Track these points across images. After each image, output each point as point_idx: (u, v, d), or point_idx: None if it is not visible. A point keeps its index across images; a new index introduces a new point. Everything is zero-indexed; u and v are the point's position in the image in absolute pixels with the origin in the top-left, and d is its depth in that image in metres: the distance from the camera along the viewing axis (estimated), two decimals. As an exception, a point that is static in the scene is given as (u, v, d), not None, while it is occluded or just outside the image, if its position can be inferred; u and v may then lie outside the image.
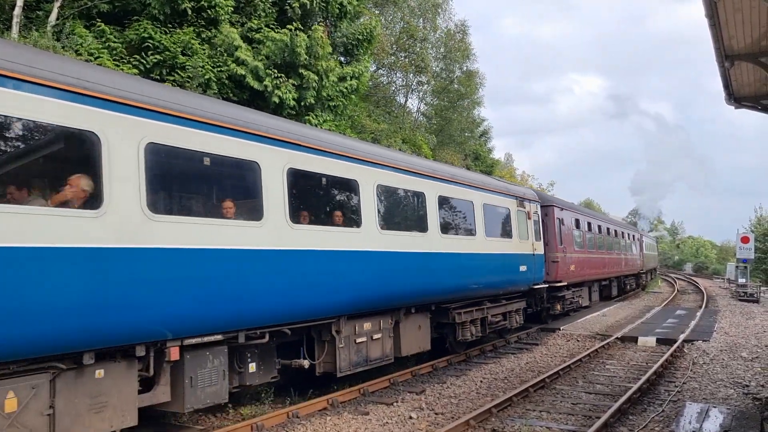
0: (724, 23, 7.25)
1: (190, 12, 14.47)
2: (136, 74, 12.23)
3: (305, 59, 15.52)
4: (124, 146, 6.02)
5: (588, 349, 14.31)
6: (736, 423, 8.09)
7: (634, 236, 35.11)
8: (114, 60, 13.04)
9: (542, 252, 16.37)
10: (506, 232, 14.28)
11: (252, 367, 7.98)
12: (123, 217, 5.92)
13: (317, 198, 9.06)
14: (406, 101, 32.83)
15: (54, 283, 5.31)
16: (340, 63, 18.97)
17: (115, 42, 13.49)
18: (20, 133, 5.35)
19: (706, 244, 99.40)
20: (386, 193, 10.11)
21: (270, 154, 7.77)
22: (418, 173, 10.94)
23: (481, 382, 11.14)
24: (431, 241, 11.02)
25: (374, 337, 9.99)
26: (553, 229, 17.89)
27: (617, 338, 15.87)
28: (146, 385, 6.55)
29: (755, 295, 31.74)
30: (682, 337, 15.39)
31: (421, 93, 33.51)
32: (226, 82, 14.95)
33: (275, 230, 7.68)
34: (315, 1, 16.68)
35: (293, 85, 15.46)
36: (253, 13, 16.30)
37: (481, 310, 13.30)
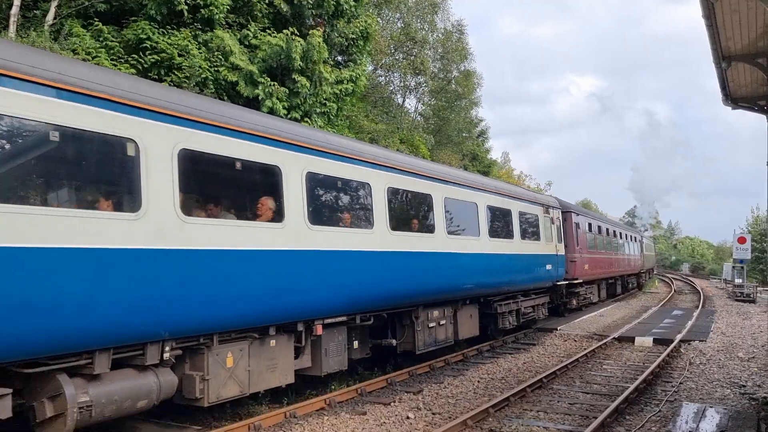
0: (722, 24, 7.27)
1: (186, 13, 14.44)
2: (134, 74, 12.21)
3: (300, 65, 15.48)
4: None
5: (585, 349, 14.33)
6: (733, 423, 8.11)
7: (635, 238, 37.01)
8: (111, 60, 13.03)
9: (563, 253, 18.60)
10: (536, 235, 16.61)
11: (355, 344, 10.08)
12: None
13: (411, 213, 11.38)
14: (403, 101, 32.88)
15: (273, 277, 7.71)
16: (337, 64, 18.93)
17: (112, 41, 13.47)
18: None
19: (703, 245, 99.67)
20: (451, 205, 12.17)
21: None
22: (472, 187, 13.30)
23: (479, 382, 11.15)
24: (482, 243, 13.21)
25: (441, 323, 12.22)
26: (571, 232, 20.00)
27: (614, 338, 15.90)
28: (296, 354, 8.62)
29: (752, 296, 31.84)
30: (679, 337, 15.43)
31: (419, 93, 33.56)
32: (223, 83, 14.94)
33: (380, 236, 9.84)
34: None
35: (285, 92, 15.39)
36: (249, 15, 16.25)
37: (516, 303, 15.55)
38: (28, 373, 5.46)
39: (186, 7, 14.25)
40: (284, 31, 15.48)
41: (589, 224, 23.23)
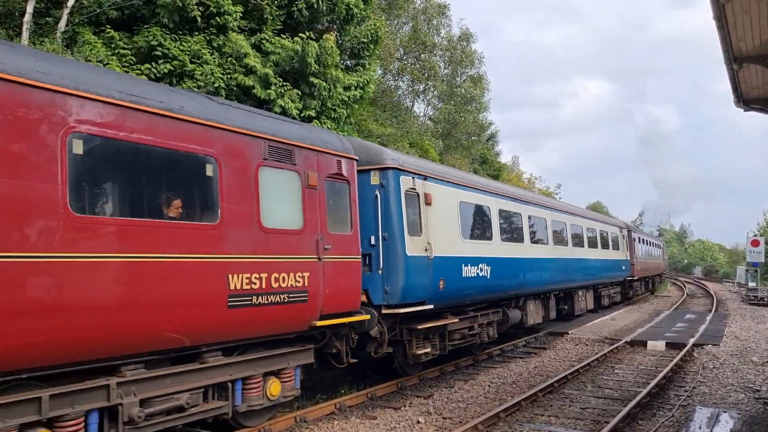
0: (732, 25, 7.21)
1: (199, 20, 14.54)
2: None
3: (315, 68, 15.59)
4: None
5: (597, 353, 14.24)
6: (747, 428, 8.03)
7: (660, 246, 46.65)
8: (123, 67, 13.12)
9: (629, 258, 28.21)
10: (617, 247, 25.92)
11: (534, 309, 16.24)
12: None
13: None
14: (412, 105, 32.89)
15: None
16: (347, 68, 18.98)
17: (124, 49, 13.57)
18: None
19: (715, 248, 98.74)
20: (573, 229, 19.79)
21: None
22: (583, 217, 21.79)
23: (489, 386, 11.11)
24: (588, 251, 21.07)
25: (584, 297, 21.26)
26: (632, 245, 29.35)
27: (626, 342, 15.78)
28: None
29: (765, 299, 31.49)
30: (691, 341, 15.29)
31: (429, 97, 33.56)
32: (235, 89, 15.00)
33: (547, 248, 17.06)
34: (322, 1, 16.65)
35: (298, 94, 15.49)
36: (261, 20, 16.34)
37: (607, 290, 25.13)
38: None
39: (199, 13, 14.33)
40: (300, 35, 15.60)
41: (639, 238, 32.87)
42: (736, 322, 20.82)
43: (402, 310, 9.72)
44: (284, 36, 16.05)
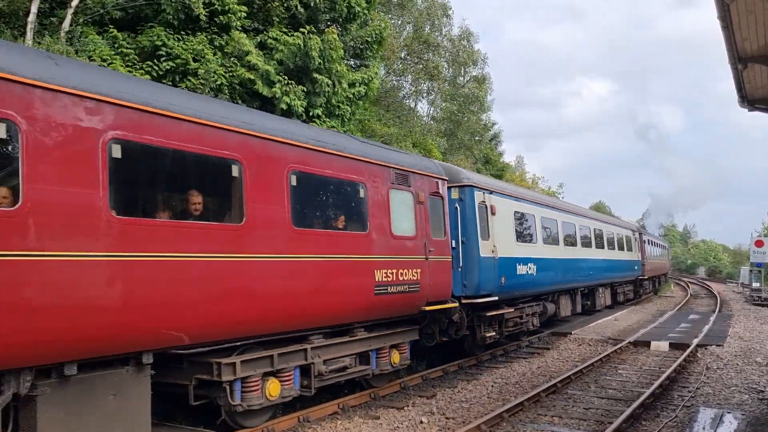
0: (737, 25, 7.18)
1: (203, 19, 14.54)
2: (148, 80, 12.30)
3: (319, 63, 15.49)
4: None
5: (600, 353, 14.22)
6: (751, 429, 8.01)
7: (666, 247, 49.86)
8: (126, 66, 13.15)
9: (640, 259, 30.65)
10: (630, 248, 28.36)
11: (565, 303, 18.79)
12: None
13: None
14: (416, 105, 32.86)
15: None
16: (350, 68, 18.96)
17: (127, 48, 13.60)
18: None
19: (718, 248, 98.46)
20: (596, 233, 22.26)
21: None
22: (603, 222, 24.80)
23: (492, 386, 11.10)
24: (608, 253, 23.61)
25: (603, 294, 23.95)
26: (642, 247, 31.73)
27: (629, 342, 15.76)
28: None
29: (769, 300, 31.40)
30: (695, 341, 15.25)
31: (432, 97, 33.52)
32: (237, 87, 15.00)
33: (576, 250, 19.59)
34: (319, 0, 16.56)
35: (303, 91, 15.42)
36: (266, 20, 16.33)
37: (622, 287, 27.63)
38: None
39: (204, 12, 14.33)
40: (301, 29, 15.50)
41: (649, 240, 36.07)
42: (740, 323, 20.76)
43: (479, 300, 12.11)
44: (288, 32, 16.00)
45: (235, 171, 7.03)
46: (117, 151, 5.77)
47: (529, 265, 14.54)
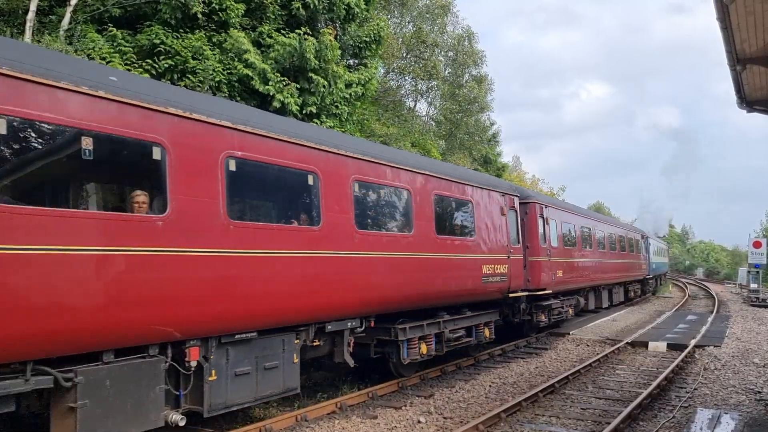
0: (736, 26, 7.19)
1: (201, 17, 14.52)
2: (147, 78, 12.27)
3: (315, 63, 15.51)
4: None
5: (598, 354, 14.23)
6: (748, 429, 8.02)
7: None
8: (125, 64, 13.13)
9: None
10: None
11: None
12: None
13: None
14: (415, 105, 32.85)
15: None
16: (348, 67, 18.95)
17: (126, 46, 13.58)
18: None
19: (717, 249, 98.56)
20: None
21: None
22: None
23: (490, 386, 11.10)
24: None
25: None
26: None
27: (627, 343, 15.76)
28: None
29: (767, 301, 31.44)
30: (693, 342, 15.26)
31: (431, 97, 33.50)
32: (236, 85, 14.99)
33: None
34: (319, 1, 16.57)
35: (297, 89, 15.41)
36: (263, 17, 16.32)
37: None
38: None
39: (201, 9, 14.31)
40: (296, 30, 15.51)
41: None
42: (738, 324, 20.78)
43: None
44: (285, 32, 15.99)
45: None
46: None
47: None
